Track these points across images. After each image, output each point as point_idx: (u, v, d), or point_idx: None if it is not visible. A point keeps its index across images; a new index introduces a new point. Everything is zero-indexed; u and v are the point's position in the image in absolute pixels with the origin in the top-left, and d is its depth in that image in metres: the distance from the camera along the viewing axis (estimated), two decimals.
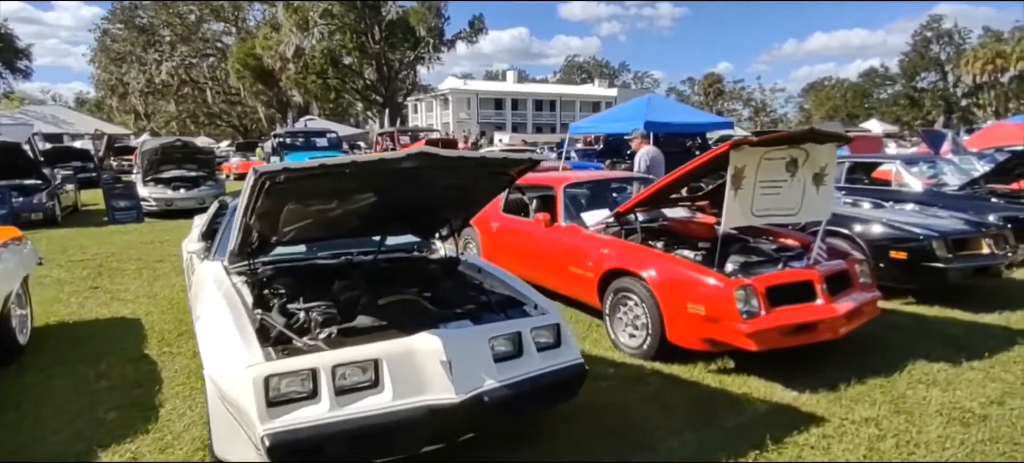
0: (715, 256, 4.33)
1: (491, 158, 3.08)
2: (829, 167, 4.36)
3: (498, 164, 3.09)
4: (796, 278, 3.97)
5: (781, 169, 4.15)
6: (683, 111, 11.86)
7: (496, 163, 3.09)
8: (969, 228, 5.58)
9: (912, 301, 5.63)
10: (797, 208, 4.29)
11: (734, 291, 3.72)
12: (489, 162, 3.09)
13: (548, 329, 3.04)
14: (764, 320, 3.72)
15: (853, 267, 4.35)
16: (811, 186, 4.31)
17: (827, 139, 4.23)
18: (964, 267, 5.29)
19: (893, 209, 6.26)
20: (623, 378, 4.04)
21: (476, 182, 3.24)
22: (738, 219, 4.09)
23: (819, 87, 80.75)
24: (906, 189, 7.99)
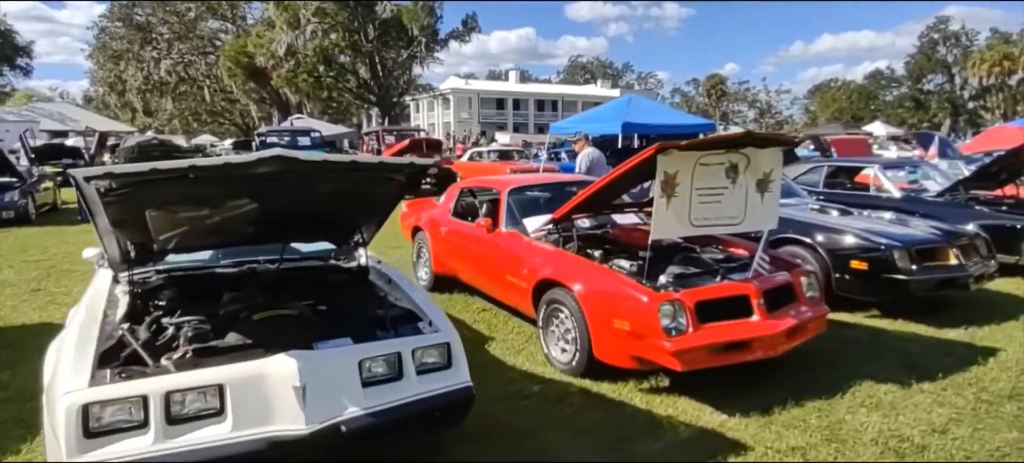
0: (654, 267, 4.10)
1: (364, 163, 2.83)
2: (774, 173, 4.09)
3: (377, 169, 2.85)
4: (730, 292, 3.70)
5: (720, 175, 3.89)
6: (664, 112, 11.58)
7: (375, 168, 2.84)
8: (935, 237, 5.28)
9: (876, 314, 5.34)
10: (740, 217, 4.03)
11: (658, 306, 3.46)
12: (366, 167, 2.85)
13: (436, 349, 2.79)
14: (691, 338, 3.46)
15: (798, 279, 4.07)
16: (755, 193, 4.05)
17: (768, 143, 3.96)
18: (928, 279, 5.00)
19: (860, 216, 5.98)
20: (546, 397, 3.79)
21: (366, 188, 2.99)
22: (674, 229, 3.83)
23: (825, 89, 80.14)
24: (884, 195, 7.69)
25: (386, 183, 2.93)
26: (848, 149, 12.63)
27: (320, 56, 24.67)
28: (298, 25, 23.34)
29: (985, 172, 7.51)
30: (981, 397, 3.70)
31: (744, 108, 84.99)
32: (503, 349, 4.61)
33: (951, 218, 6.91)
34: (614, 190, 4.20)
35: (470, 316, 5.44)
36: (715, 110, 76.16)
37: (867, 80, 73.13)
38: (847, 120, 65.04)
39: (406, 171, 2.83)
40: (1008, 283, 6.41)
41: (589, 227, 4.96)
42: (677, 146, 3.56)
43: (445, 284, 6.10)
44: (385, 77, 26.55)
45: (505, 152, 19.16)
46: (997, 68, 47.87)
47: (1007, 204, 7.26)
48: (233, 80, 28.04)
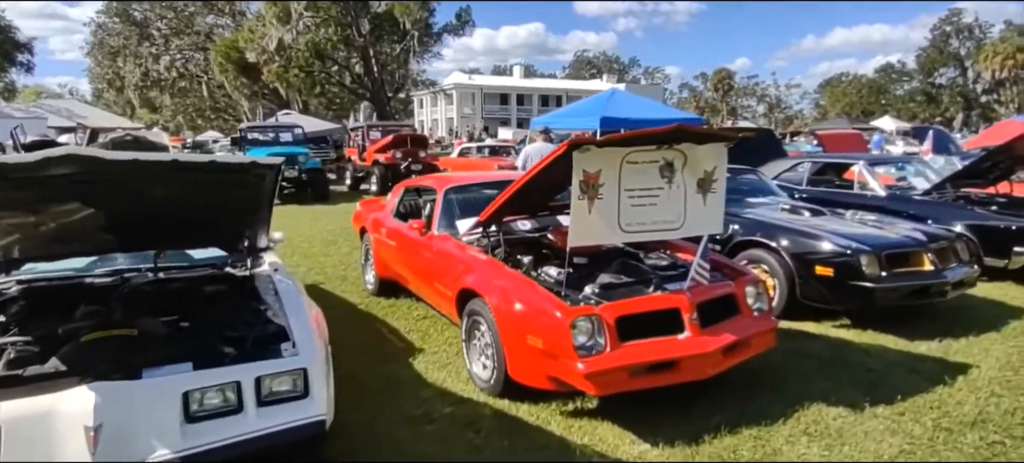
0: (587, 276, 3.73)
1: (188, 163, 2.47)
2: (717, 171, 3.68)
3: (206, 169, 2.48)
4: (658, 305, 3.31)
5: (653, 175, 3.50)
6: (648, 107, 11.13)
7: (201, 168, 2.47)
8: (908, 241, 4.85)
9: (845, 324, 4.93)
10: (679, 220, 3.63)
11: (570, 322, 3.08)
12: (190, 167, 2.48)
13: (290, 376, 2.43)
14: (607, 358, 3.08)
15: (742, 290, 3.67)
16: (696, 194, 3.65)
17: (706, 139, 3.56)
18: (898, 287, 4.57)
19: (835, 218, 5.54)
20: (455, 421, 3.42)
21: (213, 189, 2.63)
22: (598, 234, 3.44)
23: (835, 83, 78.99)
24: (869, 193, 7.24)
25: (235, 183, 2.57)
26: (839, 144, 12.07)
27: (312, 51, 24.38)
28: (289, 20, 23.03)
29: (976, 169, 7.03)
30: (941, 424, 3.29)
31: (753, 103, 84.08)
32: (429, 363, 4.24)
33: (937, 218, 6.48)
34: (537, 190, 3.81)
35: (407, 324, 5.08)
36: (723, 105, 75.28)
37: (877, 74, 71.90)
38: (857, 115, 64.07)
39: (250, 171, 2.46)
40: (995, 289, 5.97)
41: (529, 230, 4.57)
42: (596, 142, 3.17)
43: (394, 289, 5.75)
44: (379, 72, 26.18)
45: (499, 148, 18.77)
46: (1011, 61, 46.77)
47: (999, 203, 6.79)
48: (224, 76, 27.81)
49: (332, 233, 9.73)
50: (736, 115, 77.16)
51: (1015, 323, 4.94)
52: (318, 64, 25.36)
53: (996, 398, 3.59)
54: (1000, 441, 3.14)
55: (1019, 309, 5.35)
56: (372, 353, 4.47)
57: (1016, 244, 5.92)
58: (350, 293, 6.15)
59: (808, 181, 8.09)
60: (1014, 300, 5.64)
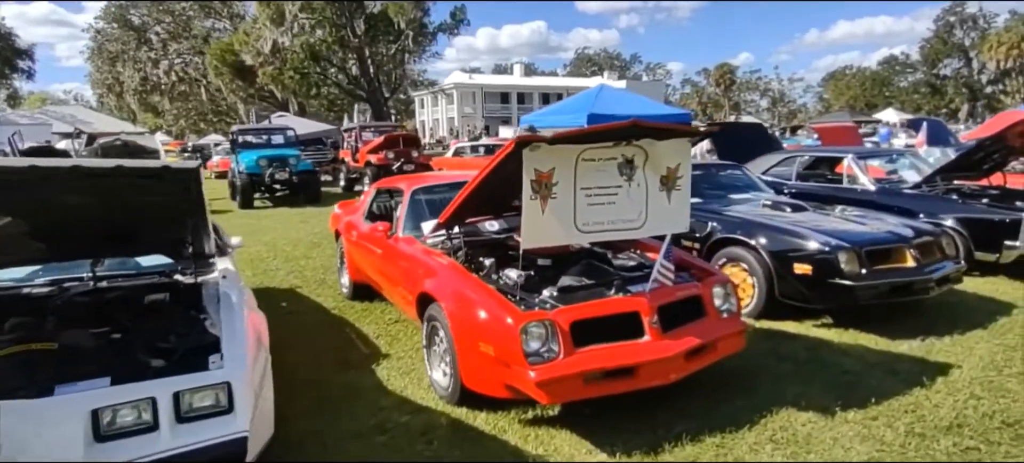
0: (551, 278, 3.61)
1: (92, 168, 2.34)
2: (681, 168, 3.55)
3: (114, 175, 2.35)
4: (616, 309, 3.18)
5: (612, 173, 3.37)
6: (638, 103, 10.96)
7: (108, 173, 2.35)
8: (890, 236, 4.69)
9: (826, 323, 4.78)
10: (640, 219, 3.50)
11: (520, 328, 2.95)
12: (97, 173, 2.35)
13: (213, 390, 2.32)
14: (560, 365, 2.95)
15: (709, 291, 3.53)
16: (659, 192, 3.52)
17: (667, 134, 3.42)
18: (878, 284, 4.42)
19: (818, 213, 5.39)
20: (409, 431, 3.30)
21: (131, 195, 2.51)
22: (553, 235, 3.31)
23: (839, 76, 78.48)
24: (859, 187, 7.07)
25: (153, 189, 2.46)
26: (834, 137, 11.86)
27: (307, 53, 24.28)
28: (283, 21, 22.94)
29: (968, 160, 6.86)
30: (914, 429, 3.15)
31: (756, 97, 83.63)
32: (393, 370, 4.12)
33: (926, 211, 6.32)
34: (496, 190, 3.67)
35: (377, 329, 4.96)
36: (725, 100, 74.93)
37: (881, 66, 71.34)
38: (861, 107, 63.59)
39: (165, 177, 2.34)
40: (985, 284, 5.80)
41: (496, 231, 4.45)
42: (546, 139, 3.04)
43: (368, 292, 5.63)
44: (375, 73, 26.05)
45: (494, 147, 18.62)
46: (1015, 51, 46.30)
47: (991, 195, 6.62)
48: (220, 79, 27.79)
49: (318, 236, 9.63)
50: (739, 110, 76.83)
51: (1003, 320, 4.78)
52: (313, 65, 25.27)
53: (975, 400, 3.44)
54: (975, 447, 3.00)
55: (1008, 305, 5.18)
56: (337, 359, 4.36)
57: (1007, 237, 5.75)
58: (326, 297, 6.04)
59: (797, 175, 7.94)
60: (1004, 295, 5.48)
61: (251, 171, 13.38)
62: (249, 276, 7.14)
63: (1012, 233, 5.71)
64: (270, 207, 13.99)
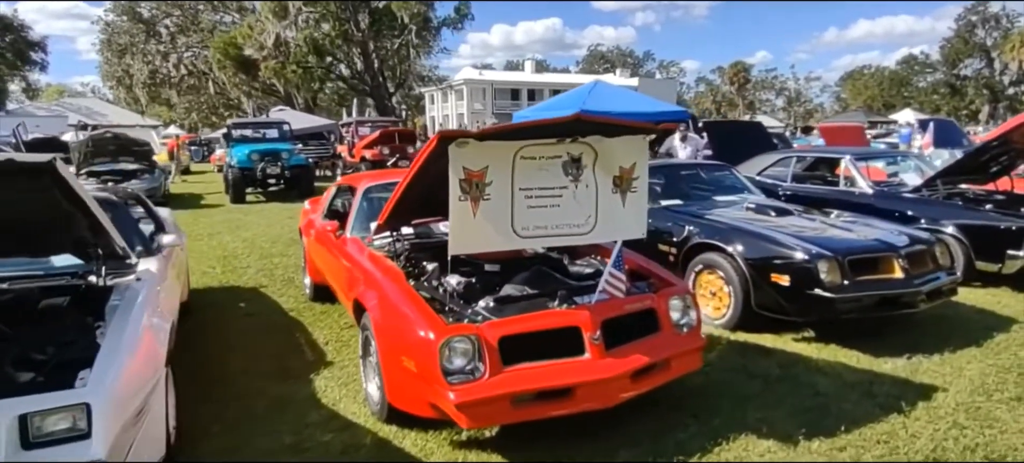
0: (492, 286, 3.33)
1: None
2: (638, 168, 3.25)
3: None
4: (552, 324, 2.88)
5: (556, 172, 3.08)
6: (634, 100, 10.57)
7: None
8: (877, 245, 4.34)
9: (808, 337, 4.44)
10: (590, 223, 3.20)
11: (440, 344, 2.66)
12: None
13: (69, 413, 2.06)
14: (484, 386, 2.66)
15: (665, 303, 3.22)
16: (612, 194, 3.22)
17: (619, 131, 3.12)
18: (860, 297, 4.07)
19: (804, 218, 5.04)
20: (328, 452, 3.03)
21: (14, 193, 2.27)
22: (487, 240, 3.02)
23: (857, 75, 77.27)
24: (856, 190, 6.70)
25: (31, 187, 2.20)
26: (839, 138, 11.38)
27: (310, 47, 24.12)
28: (286, 15, 22.76)
29: (972, 163, 6.45)
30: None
31: (772, 96, 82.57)
32: (332, 381, 3.85)
33: (925, 217, 5.95)
34: (425, 191, 3.36)
35: (329, 335, 4.70)
36: (739, 98, 74.02)
37: (900, 66, 70.02)
38: (878, 108, 62.43)
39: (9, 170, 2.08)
40: (986, 296, 5.43)
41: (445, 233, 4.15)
42: (475, 134, 2.75)
43: (329, 294, 5.36)
44: (379, 68, 25.81)
45: None
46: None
47: (996, 200, 6.21)
48: (223, 72, 27.73)
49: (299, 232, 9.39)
50: (754, 109, 75.90)
51: (1000, 337, 4.42)
52: (317, 60, 25.11)
53: (958, 430, 3.10)
54: None
55: (1008, 320, 4.81)
56: (278, 367, 4.10)
57: (1010, 246, 5.36)
58: (288, 298, 5.79)
59: (793, 177, 7.57)
60: (1005, 309, 5.10)
61: (242, 165, 13.21)
62: (218, 274, 6.93)
63: (1016, 242, 5.32)
64: (262, 201, 13.82)
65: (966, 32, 59.17)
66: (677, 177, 6.13)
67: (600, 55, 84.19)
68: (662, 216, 5.42)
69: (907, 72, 68.60)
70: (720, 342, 4.38)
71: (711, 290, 4.74)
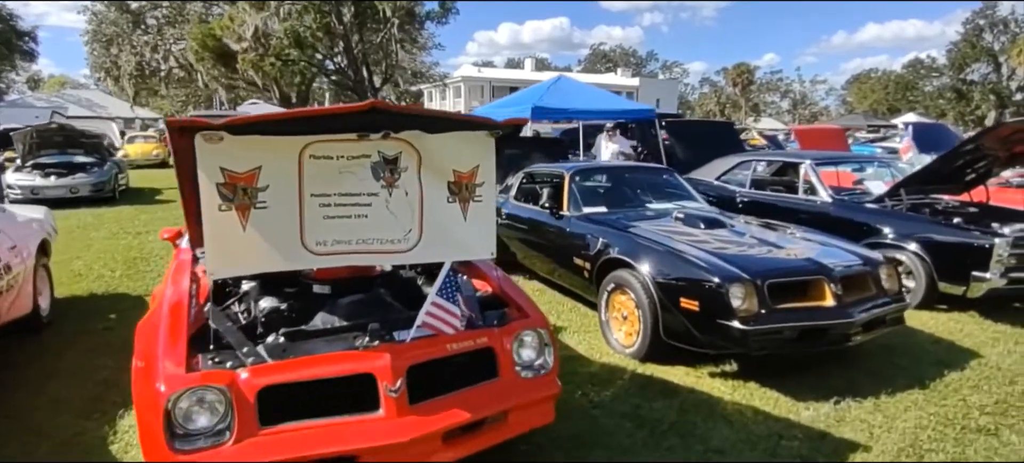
0: (311, 314, 2.72)
1: None
2: (481, 172, 2.62)
3: None
4: (336, 370, 2.25)
5: (364, 174, 2.45)
6: (597, 97, 9.87)
7: None
8: (808, 266, 3.69)
9: (730, 370, 3.80)
10: (410, 239, 2.57)
11: (168, 397, 2.04)
12: None
13: None
14: (224, 454, 2.04)
15: (505, 342, 2.59)
16: (446, 205, 2.59)
17: (447, 125, 2.49)
18: (780, 329, 3.42)
19: (730, 231, 4.39)
20: None
21: None
22: (262, 258, 2.37)
23: (864, 79, 76.38)
24: (817, 199, 6.04)
25: None
26: (815, 142, 10.67)
27: (292, 39, 23.51)
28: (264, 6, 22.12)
29: (944, 169, 5.78)
30: None
31: (777, 98, 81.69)
32: None
33: (886, 229, 5.31)
34: None
35: None
36: (743, 100, 73.23)
37: (906, 69, 69.04)
38: (883, 112, 61.47)
39: None
40: (950, 322, 4.79)
41: None
42: (219, 126, 2.12)
43: None
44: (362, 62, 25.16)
45: None
46: None
47: (968, 213, 5.54)
48: (202, 64, 27.16)
49: None
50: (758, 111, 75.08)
51: (952, 376, 3.77)
52: (299, 53, 24.51)
53: None
54: None
55: (967, 354, 4.16)
56: (90, 400, 3.48)
57: (977, 267, 4.70)
58: None
59: (752, 183, 6.94)
60: (967, 339, 4.45)
61: None
62: (115, 277, 6.34)
63: (982, 262, 4.66)
64: None
65: (974, 36, 58.11)
66: (605, 181, 5.51)
67: (603, 54, 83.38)
68: (581, 225, 4.80)
69: (913, 76, 67.58)
70: (623, 376, 3.76)
71: (623, 313, 4.11)
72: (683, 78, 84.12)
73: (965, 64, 59.06)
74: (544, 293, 5.59)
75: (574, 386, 3.60)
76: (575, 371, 3.83)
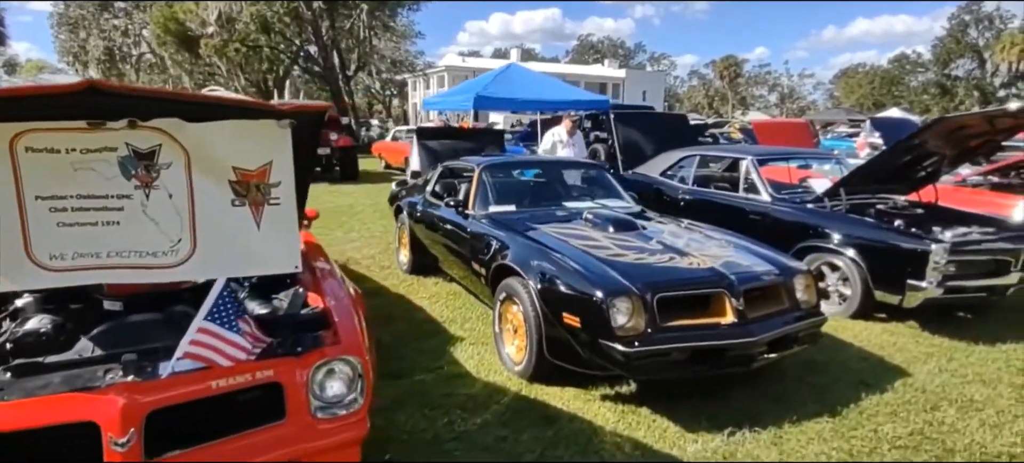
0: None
1: None
2: (275, 171, 2.16)
3: None
4: (51, 417, 1.80)
5: (110, 172, 1.99)
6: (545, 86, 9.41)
7: None
8: (708, 276, 3.27)
9: (625, 392, 3.39)
10: (180, 252, 2.13)
11: None
12: None
13: None
14: None
15: (300, 375, 2.14)
16: (230, 209, 2.14)
17: (222, 113, 2.04)
18: (667, 350, 3.00)
19: (638, 235, 3.95)
20: None
21: None
22: None
23: (851, 74, 76.44)
24: (756, 198, 5.64)
25: None
26: (776, 137, 10.25)
27: (257, 23, 22.79)
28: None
29: (884, 168, 5.39)
30: None
31: (765, 92, 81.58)
32: None
33: (823, 232, 4.91)
34: None
35: None
36: (730, 93, 73.02)
37: (892, 64, 69.11)
38: (868, 107, 61.47)
39: None
40: (884, 334, 4.41)
41: None
42: None
43: None
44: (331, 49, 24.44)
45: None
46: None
47: (913, 215, 5.15)
48: (163, 48, 26.38)
49: None
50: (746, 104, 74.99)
51: (870, 400, 3.37)
52: (267, 39, 23.80)
53: None
54: None
55: (895, 372, 3.77)
56: None
57: (913, 275, 4.31)
58: None
59: (695, 179, 6.52)
60: (899, 354, 4.06)
61: None
62: None
63: (918, 270, 4.27)
64: None
65: (959, 32, 58.14)
66: (523, 177, 5.06)
67: (590, 45, 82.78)
68: (482, 225, 4.36)
69: (899, 71, 67.62)
70: (502, 399, 3.33)
71: (514, 326, 3.68)
72: (671, 71, 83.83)
73: (950, 60, 59.11)
74: (458, 296, 5.16)
75: (442, 412, 3.19)
76: (452, 393, 3.41)
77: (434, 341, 4.21)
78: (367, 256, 6.76)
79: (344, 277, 3.04)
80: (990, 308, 4.90)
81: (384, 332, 4.34)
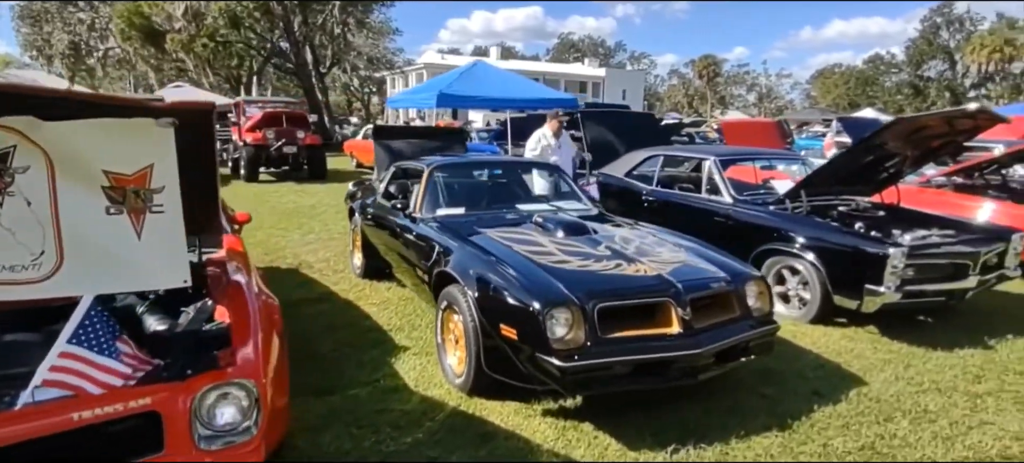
0: None
1: None
2: (157, 175, 1.95)
3: None
4: None
5: None
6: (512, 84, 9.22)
7: None
8: (653, 284, 3.11)
9: (570, 406, 3.21)
10: (44, 265, 1.91)
11: None
12: None
13: None
14: None
15: (180, 404, 1.93)
16: (106, 218, 1.92)
17: (91, 110, 1.82)
18: (608, 364, 2.83)
19: (586, 239, 3.78)
20: None
21: None
22: None
23: (827, 74, 77.46)
24: (718, 199, 5.52)
25: None
26: (743, 138, 10.17)
27: (227, 19, 22.27)
28: None
29: (845, 169, 5.30)
30: None
31: (743, 92, 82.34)
32: None
33: (784, 234, 4.80)
34: None
35: None
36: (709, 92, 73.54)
37: (866, 65, 70.16)
38: (844, 106, 62.31)
39: None
40: (840, 340, 4.29)
41: None
42: None
43: None
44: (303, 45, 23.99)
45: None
46: (997, 54, 44.93)
47: (875, 217, 5.07)
48: (128, 43, 25.72)
49: None
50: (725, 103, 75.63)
51: (823, 411, 3.24)
52: (236, 35, 23.27)
53: None
54: None
55: (851, 380, 3.65)
56: None
57: (871, 279, 4.20)
58: None
59: (659, 180, 6.37)
60: (856, 361, 3.94)
61: None
62: None
63: (876, 275, 4.16)
64: None
65: (931, 33, 59.18)
66: (474, 177, 4.88)
67: (570, 44, 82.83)
68: (427, 229, 4.17)
69: (874, 72, 68.66)
70: (437, 415, 3.14)
71: (456, 336, 3.49)
72: (651, 70, 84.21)
73: (922, 61, 60.17)
74: (409, 302, 4.96)
75: (372, 430, 2.99)
76: (386, 409, 3.21)
77: (376, 351, 4.01)
78: (322, 259, 6.51)
79: (261, 288, 2.82)
80: (950, 312, 4.82)
81: (324, 342, 4.13)
